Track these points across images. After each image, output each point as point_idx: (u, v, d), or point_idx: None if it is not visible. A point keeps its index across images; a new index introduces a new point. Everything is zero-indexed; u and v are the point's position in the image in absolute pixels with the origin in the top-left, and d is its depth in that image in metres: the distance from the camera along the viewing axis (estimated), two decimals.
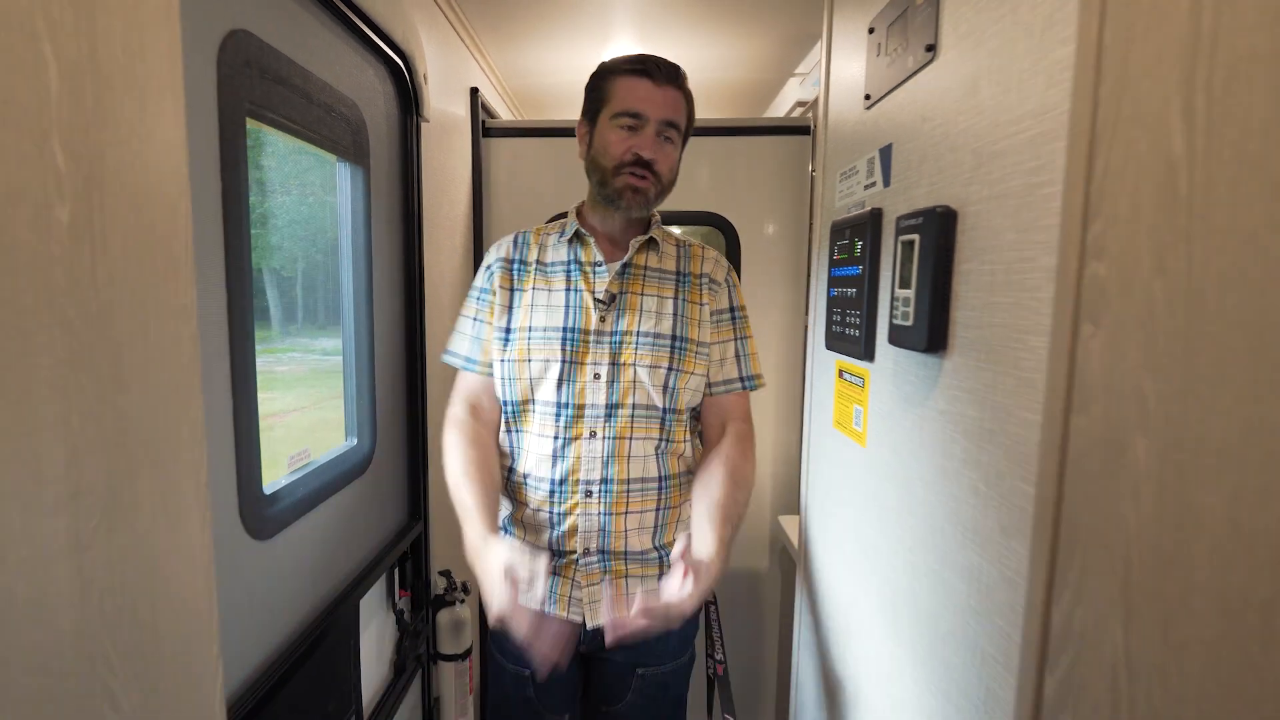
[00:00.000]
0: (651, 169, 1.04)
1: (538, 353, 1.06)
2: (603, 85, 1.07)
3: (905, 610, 0.75)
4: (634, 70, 1.04)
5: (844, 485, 1.00)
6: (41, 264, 0.38)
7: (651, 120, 1.03)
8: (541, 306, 1.08)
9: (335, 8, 1.08)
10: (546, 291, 1.09)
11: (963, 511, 0.62)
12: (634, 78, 1.04)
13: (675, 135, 1.07)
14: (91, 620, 0.40)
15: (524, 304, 1.09)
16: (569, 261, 1.10)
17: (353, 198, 1.20)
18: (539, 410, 1.07)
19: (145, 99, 0.46)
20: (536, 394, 1.07)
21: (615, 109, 1.04)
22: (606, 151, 1.05)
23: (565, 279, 1.09)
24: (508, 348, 1.08)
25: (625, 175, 1.04)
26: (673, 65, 1.06)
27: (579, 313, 1.07)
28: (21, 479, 0.36)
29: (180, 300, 0.51)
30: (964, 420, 0.62)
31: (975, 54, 0.61)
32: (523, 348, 1.07)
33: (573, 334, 1.06)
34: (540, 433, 1.08)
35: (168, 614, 0.48)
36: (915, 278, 0.69)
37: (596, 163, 1.07)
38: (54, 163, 0.40)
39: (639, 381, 1.06)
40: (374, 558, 1.28)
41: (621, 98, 1.04)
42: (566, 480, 1.07)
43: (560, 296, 1.08)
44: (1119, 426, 0.43)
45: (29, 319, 0.37)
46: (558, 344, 1.06)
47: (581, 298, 1.08)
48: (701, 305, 1.11)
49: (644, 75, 1.03)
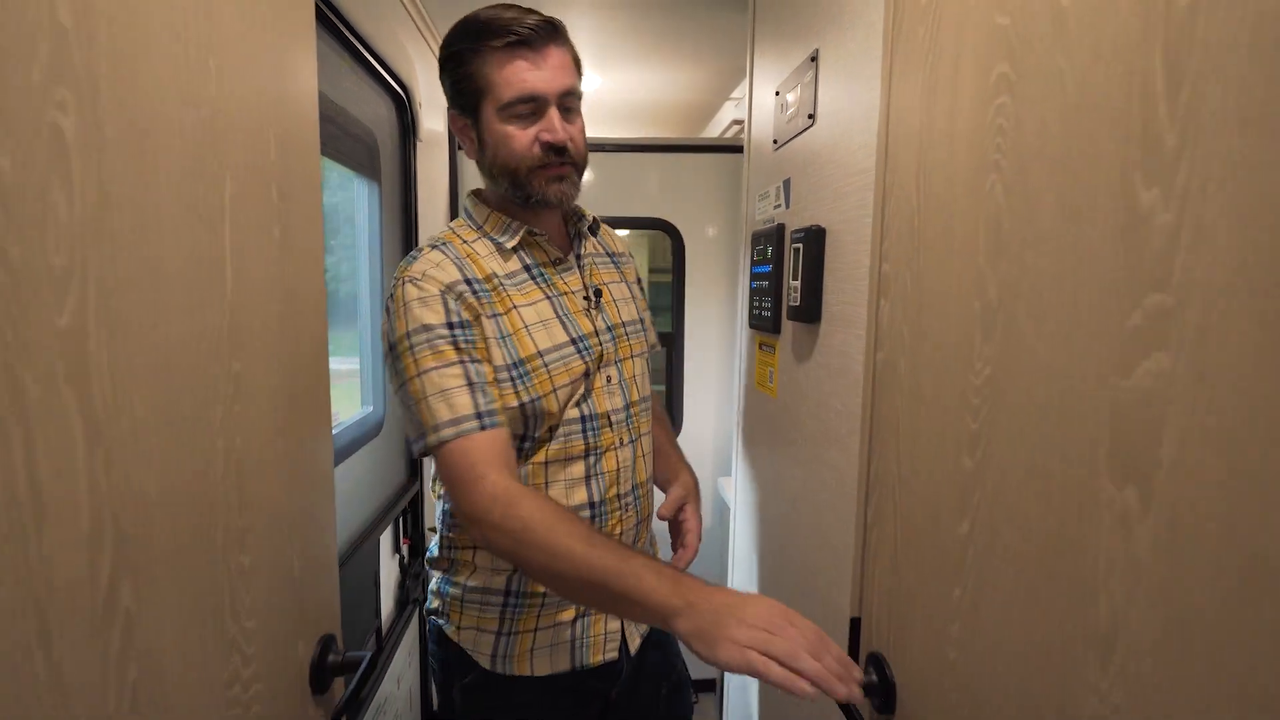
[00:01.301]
0: (568, 153, 0.90)
1: (562, 375, 0.91)
2: (472, 70, 0.88)
3: (800, 500, 1.08)
4: (507, 46, 0.85)
5: (762, 428, 1.33)
6: (274, 273, 0.66)
7: (550, 98, 0.87)
8: (537, 325, 0.91)
9: (356, 51, 1.34)
10: (530, 307, 0.92)
11: (829, 425, 0.95)
12: (510, 53, 0.85)
13: (575, 101, 0.92)
14: (296, 482, 0.69)
15: (514, 328, 0.89)
16: (528, 267, 0.95)
17: (369, 207, 1.46)
18: (564, 433, 0.93)
19: None
20: (564, 415, 0.93)
21: (503, 98, 0.87)
22: (509, 151, 0.89)
23: (537, 288, 0.94)
24: (522, 384, 0.88)
25: (542, 174, 0.90)
26: (541, 18, 0.87)
27: (572, 319, 0.95)
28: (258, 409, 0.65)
29: (317, 285, 0.79)
30: (829, 366, 0.95)
31: (834, 126, 0.94)
32: (544, 378, 0.89)
33: (582, 343, 0.94)
34: (567, 456, 0.93)
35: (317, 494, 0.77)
36: (802, 273, 1.01)
37: (500, 165, 0.90)
38: (272, 198, 0.68)
39: (638, 374, 1.03)
40: (386, 505, 1.54)
41: (506, 82, 0.86)
42: (604, 500, 0.96)
43: (546, 308, 0.93)
44: (894, 354, 0.76)
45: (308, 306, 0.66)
46: (577, 359, 0.93)
47: (566, 302, 0.96)
48: (633, 283, 1.11)
49: (521, 46, 0.85)
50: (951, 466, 0.64)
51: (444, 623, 1.00)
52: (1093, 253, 0.46)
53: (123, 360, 0.46)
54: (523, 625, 0.95)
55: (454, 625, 0.98)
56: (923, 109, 0.70)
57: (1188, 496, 0.39)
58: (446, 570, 1.01)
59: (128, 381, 0.47)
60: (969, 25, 0.62)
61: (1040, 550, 0.52)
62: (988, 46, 0.59)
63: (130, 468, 0.47)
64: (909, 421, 0.73)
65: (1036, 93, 0.52)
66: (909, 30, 0.73)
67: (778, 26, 1.23)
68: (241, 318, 0.62)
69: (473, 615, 0.97)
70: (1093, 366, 0.46)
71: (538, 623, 0.96)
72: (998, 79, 0.57)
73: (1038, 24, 0.52)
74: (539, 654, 0.95)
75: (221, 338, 0.59)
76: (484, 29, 0.86)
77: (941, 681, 0.66)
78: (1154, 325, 0.41)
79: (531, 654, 0.95)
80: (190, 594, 0.55)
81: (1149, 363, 0.42)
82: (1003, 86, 0.56)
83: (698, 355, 2.29)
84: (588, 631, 0.97)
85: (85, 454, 0.43)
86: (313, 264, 0.78)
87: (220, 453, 0.59)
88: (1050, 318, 0.51)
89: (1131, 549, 0.43)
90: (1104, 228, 0.45)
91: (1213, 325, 0.37)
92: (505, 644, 0.95)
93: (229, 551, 0.60)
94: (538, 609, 0.95)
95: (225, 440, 0.60)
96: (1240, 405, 0.36)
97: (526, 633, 0.95)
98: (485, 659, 0.96)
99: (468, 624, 0.97)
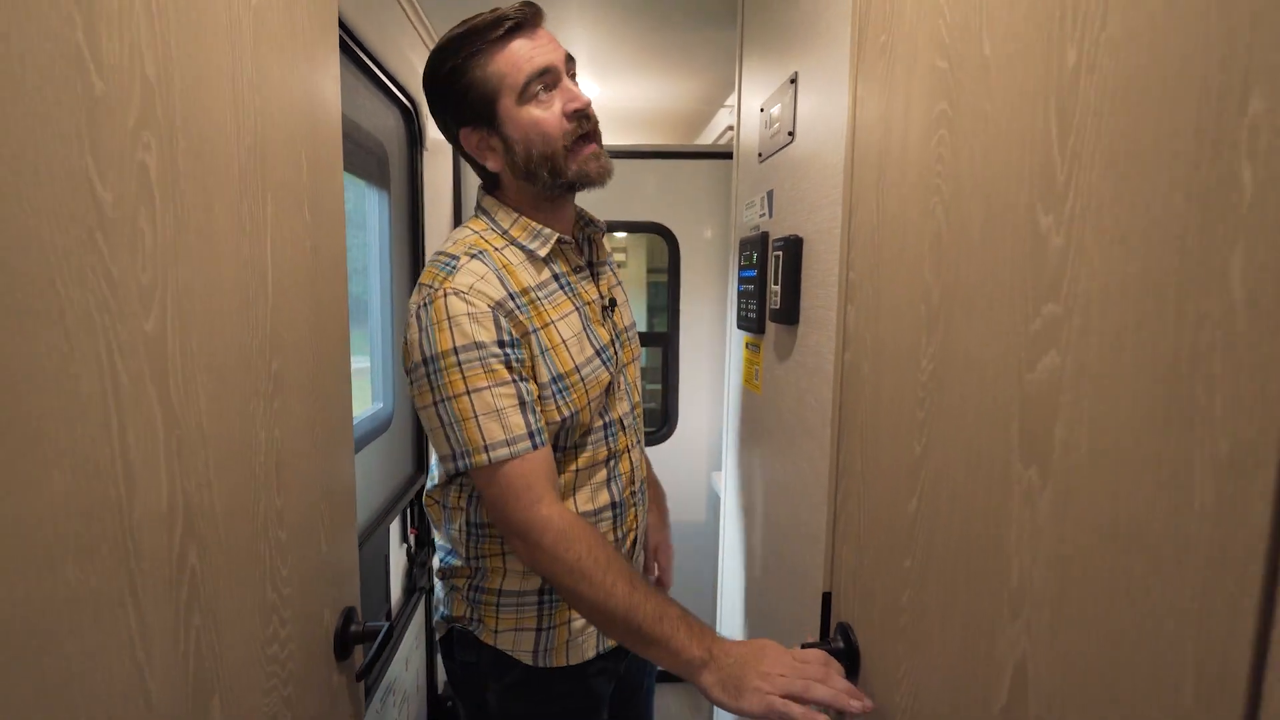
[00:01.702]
0: (592, 120, 0.92)
1: (595, 389, 0.94)
2: (478, 74, 0.88)
3: (781, 488, 1.17)
4: (505, 33, 0.86)
5: (749, 422, 1.41)
6: (306, 282, 0.75)
7: (560, 66, 0.89)
8: (572, 340, 0.93)
9: (366, 66, 1.42)
10: (563, 321, 0.93)
11: (805, 419, 1.03)
12: (508, 39, 0.87)
13: (575, 70, 0.94)
14: (318, 469, 0.77)
15: (553, 343, 0.90)
16: (556, 277, 0.96)
17: (379, 215, 1.54)
18: (591, 441, 0.97)
19: None
20: (591, 424, 0.97)
21: (519, 82, 0.86)
22: (542, 134, 0.88)
23: (566, 299, 0.95)
24: (563, 400, 0.90)
25: (579, 152, 0.90)
26: (529, 2, 0.89)
27: (593, 329, 0.97)
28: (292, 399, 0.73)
29: (340, 293, 0.87)
30: (805, 365, 1.04)
31: (810, 144, 1.03)
32: (581, 392, 0.92)
33: (604, 353, 0.97)
34: (592, 463, 0.98)
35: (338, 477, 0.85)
36: (781, 278, 1.10)
37: (538, 154, 0.90)
38: (305, 214, 0.76)
39: (636, 378, 1.08)
40: (394, 496, 1.63)
41: (517, 67, 0.86)
42: (622, 500, 1.02)
43: (575, 320, 0.94)
44: (859, 356, 0.85)
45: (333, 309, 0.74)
46: (604, 370, 0.96)
47: (587, 312, 0.97)
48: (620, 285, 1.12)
49: (514, 32, 0.87)
50: (904, 452, 0.73)
51: (476, 628, 1.00)
52: (1008, 266, 0.55)
53: (191, 360, 0.55)
54: (559, 619, 1.00)
55: (489, 629, 0.99)
56: (881, 135, 0.78)
57: (1074, 472, 0.48)
58: (471, 578, 1.01)
59: (195, 378, 0.55)
60: (917, 65, 0.70)
61: (970, 522, 0.60)
62: (931, 85, 0.67)
63: (195, 453, 0.56)
64: (870, 415, 0.81)
65: (968, 128, 0.61)
66: (870, 62, 0.82)
67: (763, 47, 1.32)
68: (280, 322, 0.70)
69: (510, 617, 0.99)
70: (1007, 362, 0.55)
71: (570, 615, 1.01)
72: (939, 114, 0.66)
73: (969, 69, 0.61)
74: (573, 644, 1.00)
75: (265, 340, 0.67)
76: (473, 32, 0.87)
77: (895, 645, 0.75)
78: (1049, 329, 0.50)
79: (568, 645, 1.00)
80: (239, 561, 0.63)
81: (1046, 360, 0.50)
82: (943, 121, 0.65)
83: (692, 355, 2.37)
84: None
85: (164, 440, 0.52)
86: (337, 273, 0.87)
87: (263, 442, 0.67)
88: (977, 319, 0.59)
89: (1035, 518, 0.52)
90: (1015, 246, 0.54)
91: (1091, 329, 0.46)
92: (546, 639, 0.99)
93: (269, 526, 0.69)
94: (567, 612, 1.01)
95: (266, 431, 0.68)
96: (1110, 395, 0.45)
97: (562, 625, 1.00)
98: (527, 656, 0.99)
99: (505, 626, 0.99)
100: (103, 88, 0.45)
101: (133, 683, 0.48)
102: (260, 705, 0.67)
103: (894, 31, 0.75)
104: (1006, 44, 0.55)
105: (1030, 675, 0.52)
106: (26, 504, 0.39)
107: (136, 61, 0.48)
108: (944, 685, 0.65)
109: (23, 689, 0.39)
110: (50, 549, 0.41)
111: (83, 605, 0.44)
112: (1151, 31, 0.41)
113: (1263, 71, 0.34)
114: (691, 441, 2.39)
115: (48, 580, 0.41)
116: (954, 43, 0.63)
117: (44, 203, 0.40)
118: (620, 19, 1.86)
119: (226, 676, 0.61)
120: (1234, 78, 0.35)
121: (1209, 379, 0.36)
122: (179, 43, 0.53)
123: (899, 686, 0.74)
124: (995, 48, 0.57)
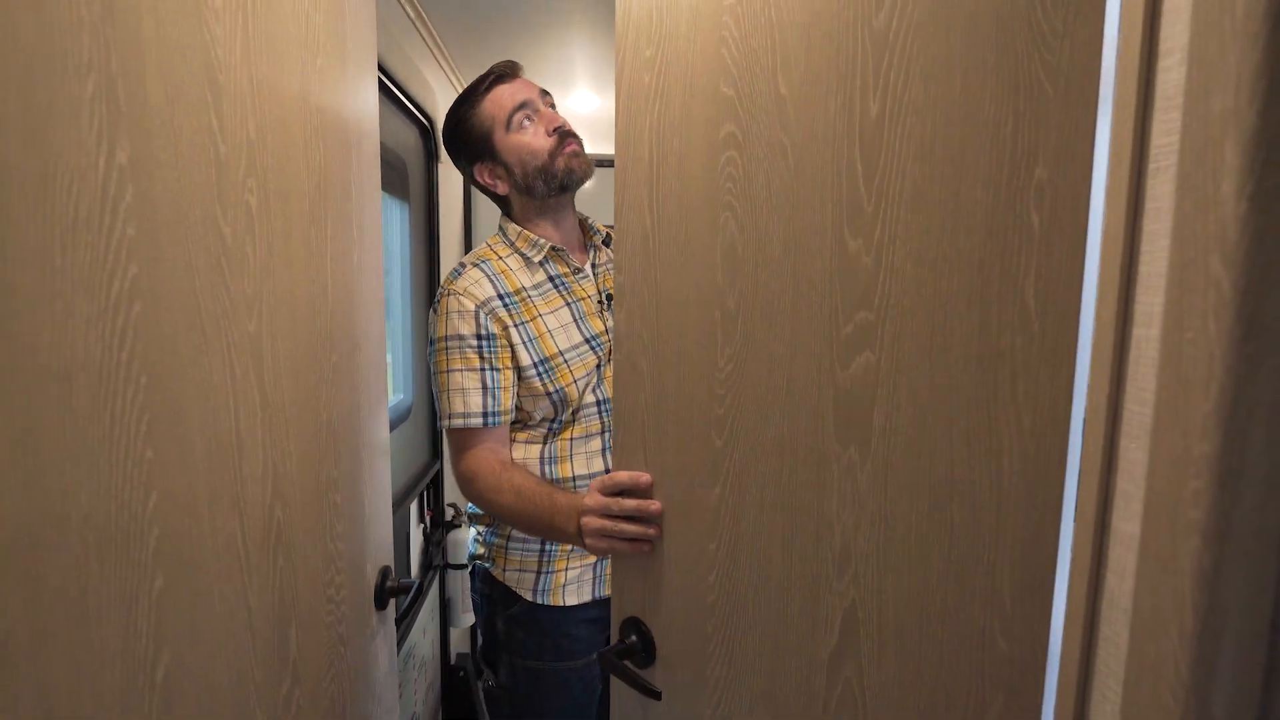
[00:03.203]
0: (571, 133, 1.14)
1: (580, 370, 1.13)
2: (474, 120, 1.14)
3: None
4: (487, 89, 1.14)
5: None
6: (353, 289, 0.90)
7: (535, 98, 1.14)
8: (558, 329, 1.14)
9: (390, 92, 1.57)
10: (552, 314, 1.14)
11: None
12: (492, 88, 1.14)
13: (552, 101, 1.19)
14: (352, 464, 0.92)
15: (539, 333, 1.12)
16: (551, 279, 1.17)
17: (400, 225, 1.69)
18: (584, 416, 1.16)
19: None
20: (582, 400, 1.15)
21: (502, 116, 1.12)
22: (531, 151, 1.12)
23: (558, 295, 1.16)
24: (547, 378, 1.11)
25: (562, 154, 1.12)
26: (508, 62, 1.18)
27: (586, 321, 1.17)
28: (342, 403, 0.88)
29: (378, 296, 1.02)
30: None
31: None
32: (565, 371, 1.12)
33: (594, 341, 1.17)
34: (587, 433, 1.16)
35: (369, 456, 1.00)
36: None
37: (531, 168, 1.12)
38: (353, 233, 0.91)
39: None
40: (414, 479, 1.78)
41: (500, 105, 1.13)
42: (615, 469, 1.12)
43: (565, 314, 1.15)
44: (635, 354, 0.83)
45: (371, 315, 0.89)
46: (590, 354, 1.15)
47: (582, 306, 1.18)
48: None
49: (497, 82, 1.14)
50: (702, 445, 0.76)
51: (490, 566, 1.22)
52: (814, 278, 0.63)
53: (278, 354, 0.70)
54: (556, 565, 1.18)
55: (499, 568, 1.20)
56: (652, 145, 0.78)
57: (892, 448, 0.60)
58: (490, 525, 1.24)
59: (280, 369, 0.70)
60: (697, 89, 0.72)
61: (787, 498, 0.68)
62: (715, 108, 0.70)
63: (280, 427, 0.71)
64: (652, 412, 0.83)
65: (762, 154, 0.66)
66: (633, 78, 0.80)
67: None
68: (335, 322, 0.85)
69: (516, 559, 1.19)
70: (817, 360, 0.64)
71: (568, 563, 1.19)
72: (726, 136, 0.69)
73: (760, 102, 0.66)
74: (569, 588, 1.18)
75: (325, 337, 0.82)
76: (469, 91, 1.16)
77: (705, 623, 0.78)
78: (862, 333, 0.60)
79: (564, 589, 1.18)
80: (309, 517, 0.78)
81: (860, 359, 0.61)
82: (731, 143, 0.69)
83: None
84: (604, 570, 1.20)
85: (261, 417, 0.67)
86: (375, 280, 1.02)
87: (324, 423, 0.82)
88: (781, 323, 0.67)
89: (856, 489, 0.63)
90: (822, 262, 0.63)
91: (905, 333, 0.58)
92: (544, 580, 1.18)
93: (329, 490, 0.84)
94: (568, 552, 1.18)
95: (326, 412, 0.83)
96: (927, 384, 0.57)
97: (560, 571, 1.18)
98: (528, 593, 1.18)
99: (512, 566, 1.19)
100: (225, 150, 0.60)
101: (240, 599, 0.63)
102: (323, 637, 0.82)
103: (664, 48, 0.76)
104: (805, 87, 0.63)
105: (860, 617, 0.63)
106: (185, 467, 0.54)
107: (244, 127, 0.63)
108: (765, 645, 0.73)
109: (180, 603, 0.54)
110: (196, 500, 0.56)
111: (218, 540, 0.59)
112: (948, 103, 0.54)
113: (1044, 149, 0.49)
114: None
115: (195, 524, 0.56)
116: (742, 75, 0.68)
117: (191, 235, 0.55)
118: None
119: (301, 609, 0.76)
120: (1021, 149, 0.50)
121: (1011, 369, 0.51)
122: (270, 107, 0.68)
123: (708, 660, 0.78)
124: (793, 89, 0.64)
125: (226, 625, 0.61)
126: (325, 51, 0.82)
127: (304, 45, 0.76)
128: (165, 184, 0.52)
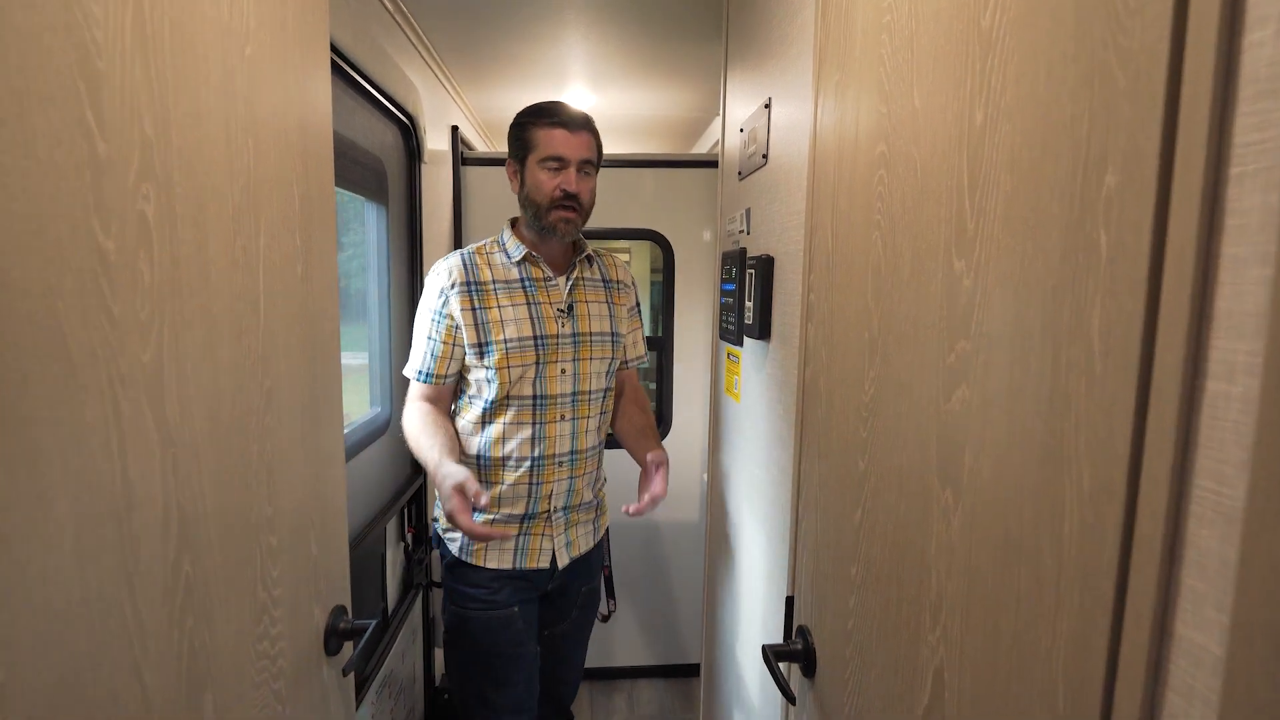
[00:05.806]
0: (577, 200, 1.29)
1: (516, 359, 1.29)
2: (527, 134, 1.30)
3: (755, 493, 1.22)
4: (553, 123, 1.28)
5: (731, 431, 1.46)
6: (298, 305, 0.81)
7: (572, 162, 1.28)
8: (510, 321, 1.30)
9: (365, 90, 1.48)
10: (511, 307, 1.31)
11: (776, 428, 1.08)
12: (553, 128, 1.28)
13: (591, 169, 1.33)
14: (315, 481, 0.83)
15: (493, 320, 1.30)
16: (522, 279, 1.34)
17: (377, 229, 1.60)
18: (517, 404, 1.32)
19: None
20: (515, 391, 1.31)
21: (541, 155, 1.28)
22: (539, 189, 1.28)
23: (524, 294, 1.33)
24: (486, 358, 1.29)
25: (557, 210, 1.29)
26: (582, 114, 1.32)
27: (543, 322, 1.32)
28: (295, 404, 0.79)
29: (332, 312, 0.93)
30: (775, 377, 1.08)
31: (779, 169, 1.07)
32: (502, 356, 1.29)
33: (542, 340, 1.31)
34: (519, 420, 1.32)
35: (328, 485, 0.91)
36: (756, 294, 1.15)
37: (531, 199, 1.30)
38: (296, 242, 0.82)
39: (593, 372, 1.37)
40: (392, 496, 1.69)
41: (545, 145, 1.28)
42: (544, 456, 1.34)
43: (524, 310, 1.32)
44: (817, 372, 0.89)
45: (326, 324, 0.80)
46: (532, 349, 1.30)
47: (542, 309, 1.33)
48: (620, 305, 1.45)
49: (561, 126, 1.28)
50: (850, 466, 0.77)
51: (438, 525, 1.42)
52: (929, 303, 0.60)
53: (186, 384, 0.61)
54: None
55: (443, 526, 1.40)
56: (835, 169, 0.83)
57: (979, 494, 0.53)
58: None
59: (190, 401, 0.61)
60: (863, 108, 0.75)
61: (900, 535, 0.65)
62: (873, 128, 0.72)
63: (190, 468, 0.62)
64: (824, 428, 0.86)
65: (901, 170, 0.66)
66: (824, 101, 0.86)
67: (744, 68, 1.36)
68: (272, 344, 0.76)
69: None
70: (929, 391, 0.60)
71: None
72: (879, 155, 0.70)
73: (902, 115, 0.66)
74: (490, 553, 1.36)
75: (257, 361, 0.73)
76: (543, 110, 1.31)
77: (844, 647, 0.80)
78: (962, 364, 0.55)
79: (485, 551, 1.36)
80: (231, 565, 0.69)
81: (959, 393, 0.55)
82: (881, 161, 0.70)
83: (687, 358, 2.42)
84: (526, 546, 1.37)
85: (160, 457, 0.57)
86: (329, 295, 0.93)
87: (255, 455, 0.73)
88: (907, 350, 0.64)
89: (949, 535, 0.57)
90: (935, 285, 0.59)
91: (993, 366, 0.51)
92: (465, 542, 1.37)
93: (260, 533, 0.75)
94: (489, 521, 1.35)
95: (259, 444, 0.74)
96: (1006, 428, 0.49)
97: None
98: (454, 549, 1.38)
99: (446, 526, 1.39)
100: (106, 150, 0.51)
101: (131, 676, 0.54)
102: (252, 698, 0.73)
103: (846, 72, 0.80)
104: (931, 98, 0.60)
105: (946, 680, 0.57)
106: (37, 535, 0.45)
107: (135, 123, 0.54)
108: (879, 687, 0.70)
109: (39, 681, 0.45)
110: (58, 571, 0.47)
111: (91, 615, 0.50)
112: (1034, 103, 0.46)
113: (1113, 151, 0.39)
114: (685, 443, 2.44)
115: (59, 585, 0.47)
116: (891, 91, 0.68)
117: (51, 253, 0.46)
118: (614, 32, 1.91)
119: (218, 672, 0.67)
120: (1093, 153, 0.40)
121: (1075, 418, 0.41)
122: (176, 101, 0.59)
123: (845, 687, 0.79)
124: (924, 101, 0.62)
125: (108, 713, 0.52)
126: (257, 39, 0.73)
127: (227, 31, 0.67)
128: (8, 191, 0.43)
